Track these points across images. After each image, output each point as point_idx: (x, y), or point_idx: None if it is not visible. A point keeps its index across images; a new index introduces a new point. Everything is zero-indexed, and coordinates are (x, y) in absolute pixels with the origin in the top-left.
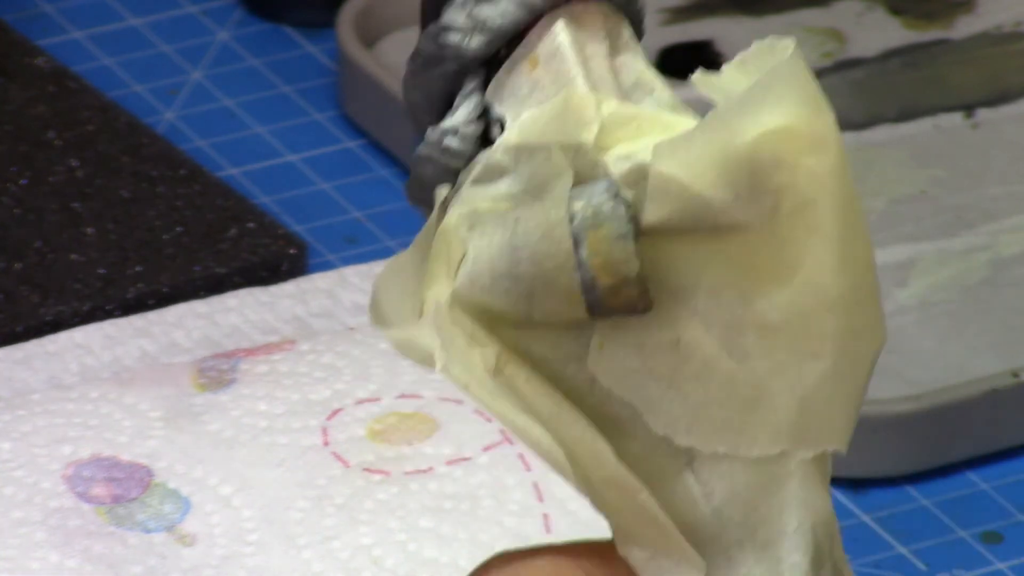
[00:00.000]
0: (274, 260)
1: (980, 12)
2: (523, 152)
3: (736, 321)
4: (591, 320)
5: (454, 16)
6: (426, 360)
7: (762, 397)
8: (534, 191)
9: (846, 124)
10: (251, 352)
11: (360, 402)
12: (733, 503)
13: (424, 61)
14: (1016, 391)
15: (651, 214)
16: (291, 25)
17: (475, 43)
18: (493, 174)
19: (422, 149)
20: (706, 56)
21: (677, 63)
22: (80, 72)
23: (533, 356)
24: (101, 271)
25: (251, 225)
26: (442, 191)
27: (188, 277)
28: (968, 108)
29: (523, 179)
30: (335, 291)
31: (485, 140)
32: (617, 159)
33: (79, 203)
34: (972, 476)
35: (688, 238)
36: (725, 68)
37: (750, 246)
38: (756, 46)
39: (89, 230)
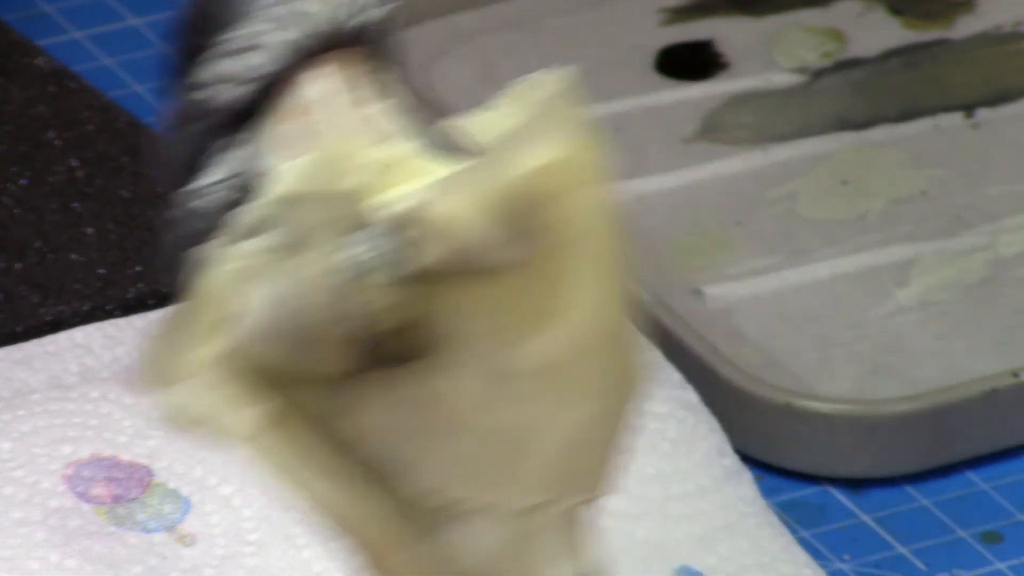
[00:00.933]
0: None
1: (980, 12)
2: (288, 203)
3: (503, 369)
4: (361, 371)
5: (205, 71)
6: (197, 422)
7: (526, 445)
8: (302, 242)
9: (846, 124)
10: None
11: None
12: (496, 556)
13: (177, 120)
14: (1016, 391)
15: (425, 256)
16: None
17: (227, 97)
18: (259, 228)
19: (176, 211)
20: (706, 56)
21: (677, 63)
22: (80, 72)
23: (306, 411)
24: (101, 271)
25: None
26: (205, 250)
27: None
28: (968, 108)
29: (290, 231)
30: None
31: (245, 195)
32: (384, 204)
33: (79, 203)
34: (972, 476)
35: (457, 285)
36: (496, 105)
37: (523, 285)
38: (529, 80)
39: (89, 230)
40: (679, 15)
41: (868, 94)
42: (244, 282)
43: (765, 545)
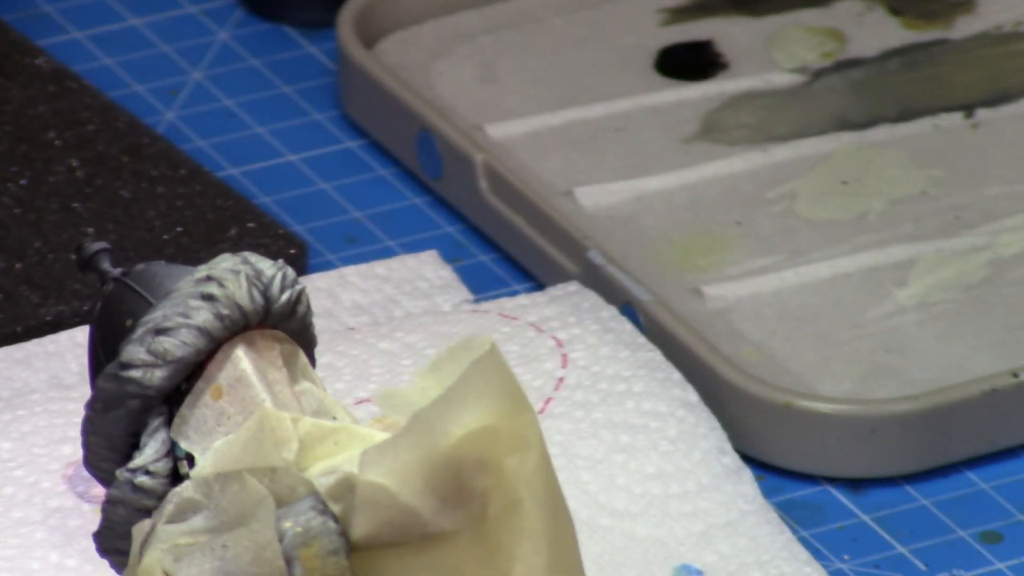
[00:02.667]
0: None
1: (980, 12)
2: (217, 483)
3: None
4: None
5: (133, 351)
6: None
7: None
8: (233, 521)
9: (846, 124)
10: None
11: (360, 402)
12: None
13: (105, 402)
14: (1016, 391)
15: (360, 527)
16: (291, 25)
17: (158, 376)
18: (187, 510)
19: (113, 492)
20: (706, 56)
21: (677, 63)
22: (80, 72)
23: None
24: None
25: (251, 225)
26: (142, 528)
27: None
28: (968, 108)
29: (219, 510)
30: (335, 291)
31: (174, 477)
32: (321, 474)
33: (79, 203)
34: (972, 476)
35: (398, 550)
36: (416, 376)
37: (461, 552)
38: (450, 348)
39: (89, 230)
40: (679, 15)
41: (868, 94)
42: (184, 558)
43: (765, 543)
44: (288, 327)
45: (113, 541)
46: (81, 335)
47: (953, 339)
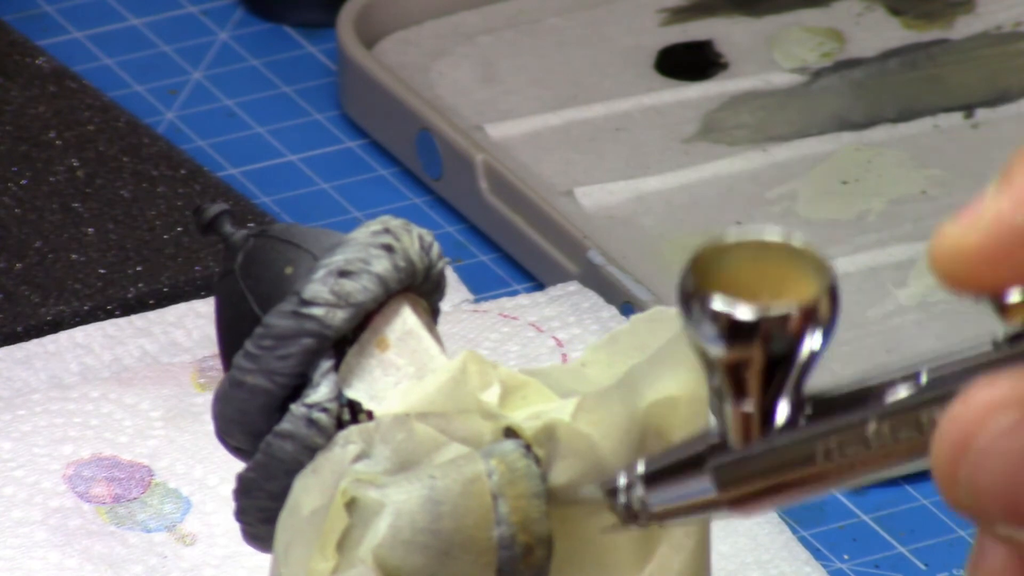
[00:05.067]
0: None
1: (980, 12)
2: (403, 424)
3: None
4: None
5: (317, 289)
6: None
7: None
8: (416, 462)
9: (846, 124)
10: None
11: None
12: None
13: (276, 339)
14: None
15: (559, 475)
16: (291, 25)
17: (339, 317)
18: (369, 448)
19: (284, 426)
20: (706, 56)
21: (677, 63)
22: (80, 72)
23: None
24: (101, 271)
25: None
26: (323, 465)
27: (188, 277)
28: (968, 108)
29: (401, 453)
30: None
31: (345, 416)
32: (527, 418)
33: (79, 203)
34: None
35: (584, 509)
36: (587, 350)
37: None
38: (633, 319)
39: (89, 230)
40: (679, 15)
41: (868, 94)
42: (391, 485)
43: (765, 542)
44: (431, 298)
45: (263, 482)
46: (81, 335)
47: (953, 339)
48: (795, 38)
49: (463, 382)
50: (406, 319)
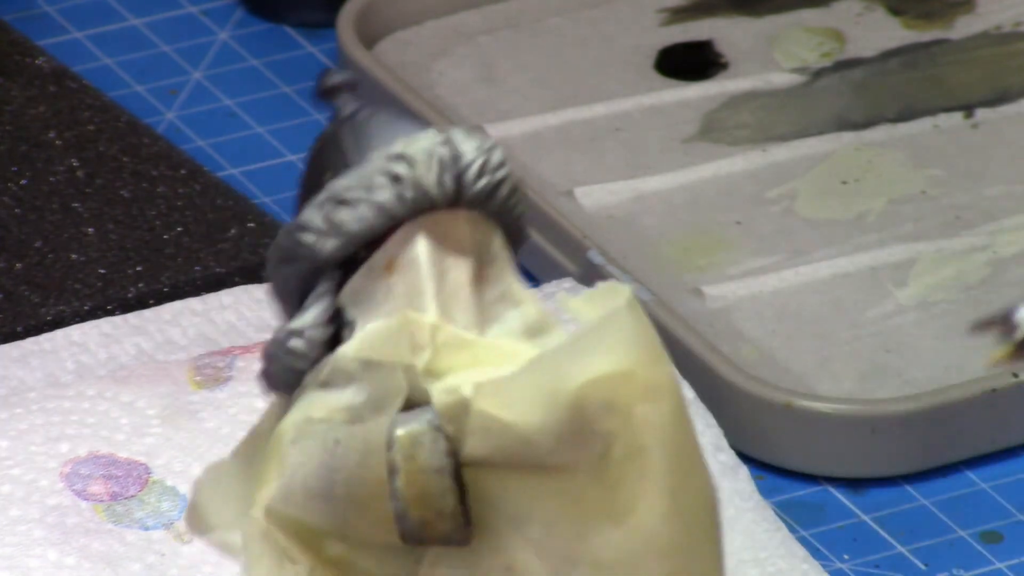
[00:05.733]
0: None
1: (980, 12)
2: (363, 364)
3: (569, 553)
4: (407, 546)
5: (311, 215)
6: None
7: None
8: (374, 405)
9: (846, 124)
10: (247, 349)
11: None
12: None
13: (280, 256)
14: (1016, 391)
15: (471, 449)
16: (291, 25)
17: (329, 246)
18: (339, 380)
19: (268, 346)
20: (706, 56)
21: (677, 63)
22: (80, 72)
23: (357, 570)
24: (101, 271)
25: (251, 225)
26: (287, 394)
27: (188, 277)
28: (968, 108)
29: (366, 391)
30: None
31: (337, 341)
32: (442, 391)
33: (79, 203)
34: (971, 476)
35: (515, 472)
36: (570, 301)
37: (580, 485)
38: (589, 293)
39: (89, 230)
40: (679, 15)
41: (868, 94)
42: (299, 441)
43: (762, 540)
44: (487, 210)
45: (275, 386)
46: (77, 333)
47: (953, 339)
48: (795, 38)
49: (399, 341)
50: (413, 247)
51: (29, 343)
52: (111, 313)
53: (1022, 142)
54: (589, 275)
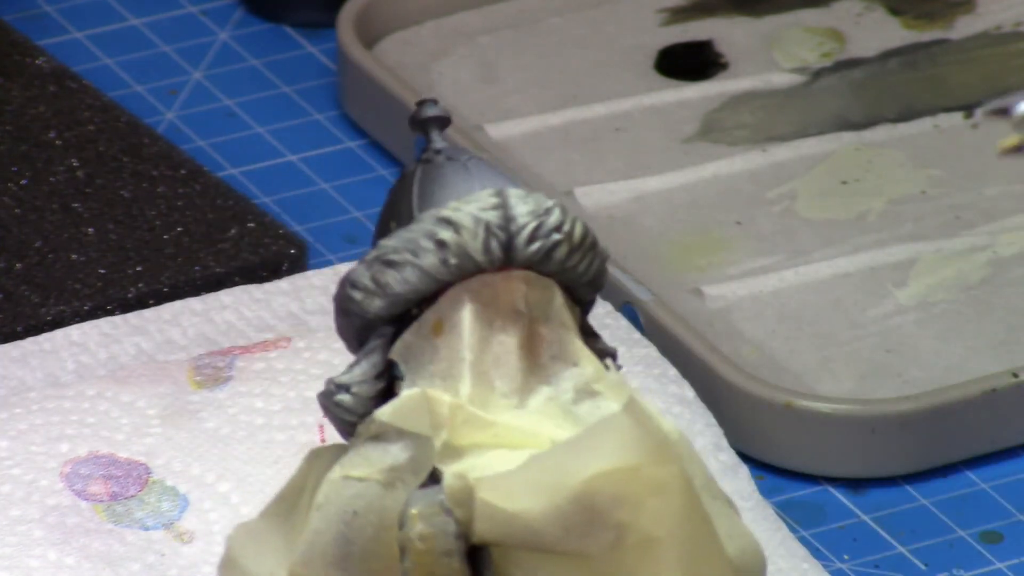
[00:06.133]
0: (274, 260)
1: (980, 12)
2: (389, 431)
3: None
4: None
5: (360, 273)
6: None
7: None
8: (414, 468)
9: (846, 124)
10: (247, 349)
11: None
12: None
13: (336, 307)
14: (1016, 391)
15: (481, 533)
16: (291, 25)
17: (375, 305)
18: (390, 435)
19: (321, 396)
20: (706, 56)
21: (677, 63)
22: (80, 72)
23: None
24: (101, 271)
25: (251, 225)
26: (326, 450)
27: (188, 277)
28: (968, 108)
29: (410, 452)
30: (330, 288)
31: (391, 393)
32: (452, 474)
33: (79, 203)
34: (971, 476)
35: (532, 553)
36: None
37: (596, 570)
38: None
39: (89, 230)
40: (679, 15)
41: (868, 94)
42: (323, 507)
43: (762, 539)
44: (545, 270)
45: (338, 431)
46: (77, 333)
47: (953, 339)
48: (795, 38)
49: (420, 415)
50: (459, 311)
51: (29, 343)
52: (111, 313)
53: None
54: None
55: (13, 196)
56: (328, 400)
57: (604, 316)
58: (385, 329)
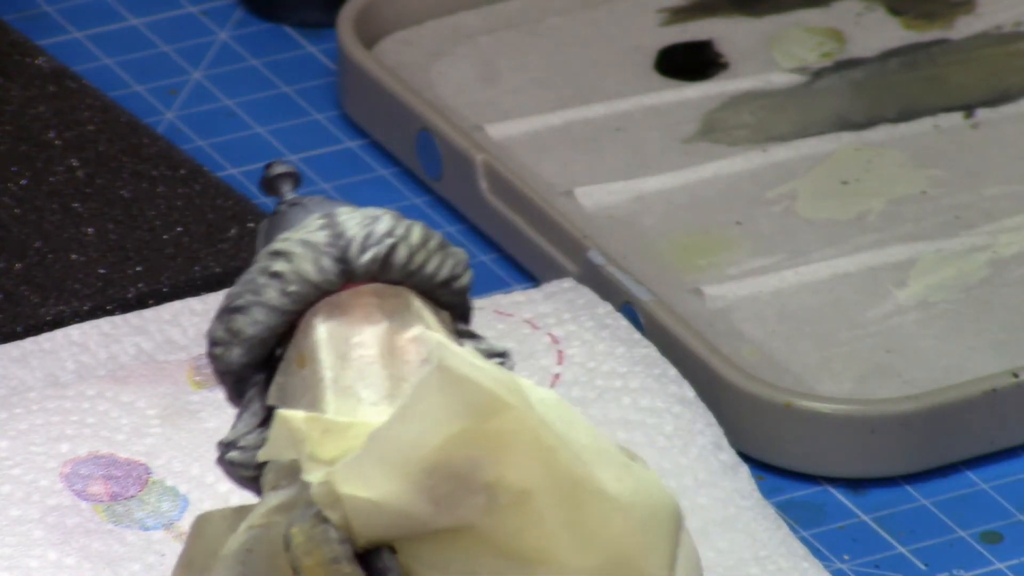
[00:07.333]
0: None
1: (980, 12)
2: (278, 466)
3: None
4: None
5: (215, 328)
6: None
7: None
8: (287, 506)
9: (846, 124)
10: None
11: None
12: None
13: (212, 369)
14: (1016, 391)
15: (360, 531)
16: (291, 25)
17: (236, 355)
18: (284, 480)
19: (216, 461)
20: (706, 56)
21: (677, 63)
22: (80, 72)
23: None
24: (101, 271)
25: (251, 225)
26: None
27: (188, 277)
28: (968, 108)
29: (294, 489)
30: None
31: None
32: (318, 482)
33: (79, 203)
34: (971, 476)
35: (420, 540)
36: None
37: (483, 538)
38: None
39: (89, 230)
40: (679, 15)
41: (868, 94)
42: (221, 563)
43: (763, 539)
44: (390, 278)
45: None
46: (77, 333)
47: (953, 339)
48: (795, 38)
49: (280, 440)
50: (311, 336)
51: (29, 343)
52: (111, 313)
53: (1022, 142)
54: (589, 275)
55: (13, 196)
56: (222, 462)
57: (604, 316)
58: (256, 377)
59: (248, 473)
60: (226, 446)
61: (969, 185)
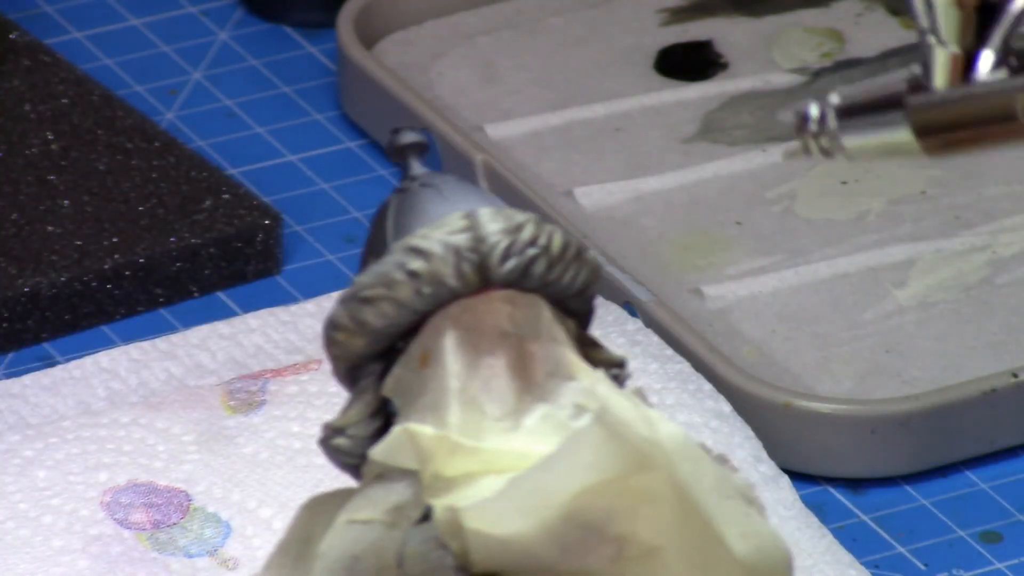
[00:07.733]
0: (249, 231)
1: None
2: (400, 469)
3: None
4: None
5: (338, 313)
6: None
7: None
8: (418, 505)
9: None
10: (278, 372)
11: None
12: None
13: (324, 347)
14: (1015, 391)
15: (478, 562)
16: (291, 25)
17: (358, 344)
18: (394, 474)
19: (320, 442)
20: (706, 56)
21: (677, 63)
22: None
23: None
24: (77, 243)
25: (226, 196)
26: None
27: (164, 248)
28: None
29: (412, 490)
30: None
31: (388, 430)
32: (443, 508)
33: (55, 176)
34: (971, 476)
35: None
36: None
37: None
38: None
39: (65, 202)
40: (679, 15)
41: None
42: (332, 549)
43: (807, 547)
44: (527, 287)
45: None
46: (106, 360)
47: (953, 339)
48: (795, 38)
49: (403, 450)
50: (440, 339)
51: (59, 371)
52: (88, 284)
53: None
54: None
55: None
56: (326, 445)
57: (635, 333)
58: (373, 367)
59: (353, 460)
60: (334, 431)
61: (969, 185)
